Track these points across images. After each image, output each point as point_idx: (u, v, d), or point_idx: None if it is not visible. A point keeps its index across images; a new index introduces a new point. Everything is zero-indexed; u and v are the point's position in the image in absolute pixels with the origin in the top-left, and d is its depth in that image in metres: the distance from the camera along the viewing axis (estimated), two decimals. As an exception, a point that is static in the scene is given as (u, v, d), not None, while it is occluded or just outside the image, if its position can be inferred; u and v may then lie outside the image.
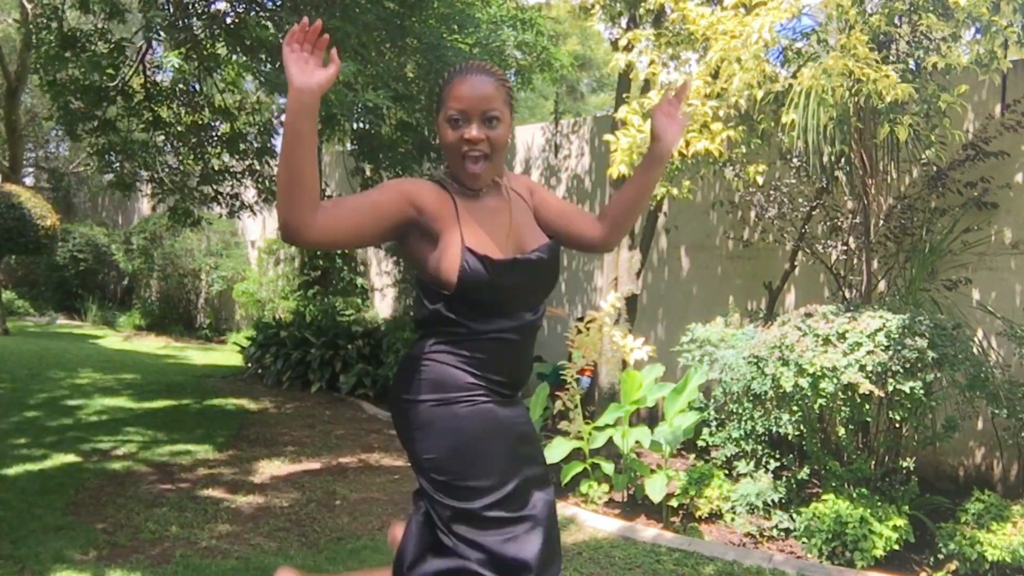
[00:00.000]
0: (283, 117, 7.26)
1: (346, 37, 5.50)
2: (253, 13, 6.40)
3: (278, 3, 6.48)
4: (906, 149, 5.00)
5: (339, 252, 10.95)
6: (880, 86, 4.01)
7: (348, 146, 7.97)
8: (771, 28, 4.30)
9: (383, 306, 11.16)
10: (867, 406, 4.35)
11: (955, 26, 4.41)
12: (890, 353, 4.16)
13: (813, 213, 5.96)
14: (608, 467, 5.22)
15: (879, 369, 4.15)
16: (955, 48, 4.51)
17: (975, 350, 4.86)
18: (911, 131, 4.40)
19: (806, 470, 4.84)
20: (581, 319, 7.52)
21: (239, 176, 8.43)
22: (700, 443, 5.63)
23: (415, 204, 1.77)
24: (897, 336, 4.20)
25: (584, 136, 8.66)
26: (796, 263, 6.23)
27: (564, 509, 5.11)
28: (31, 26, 8.13)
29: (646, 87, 5.54)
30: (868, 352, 4.18)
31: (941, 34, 4.44)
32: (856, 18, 4.40)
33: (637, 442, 5.30)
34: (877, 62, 4.16)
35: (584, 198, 8.58)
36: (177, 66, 5.79)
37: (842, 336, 4.33)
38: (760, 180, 5.11)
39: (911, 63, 4.60)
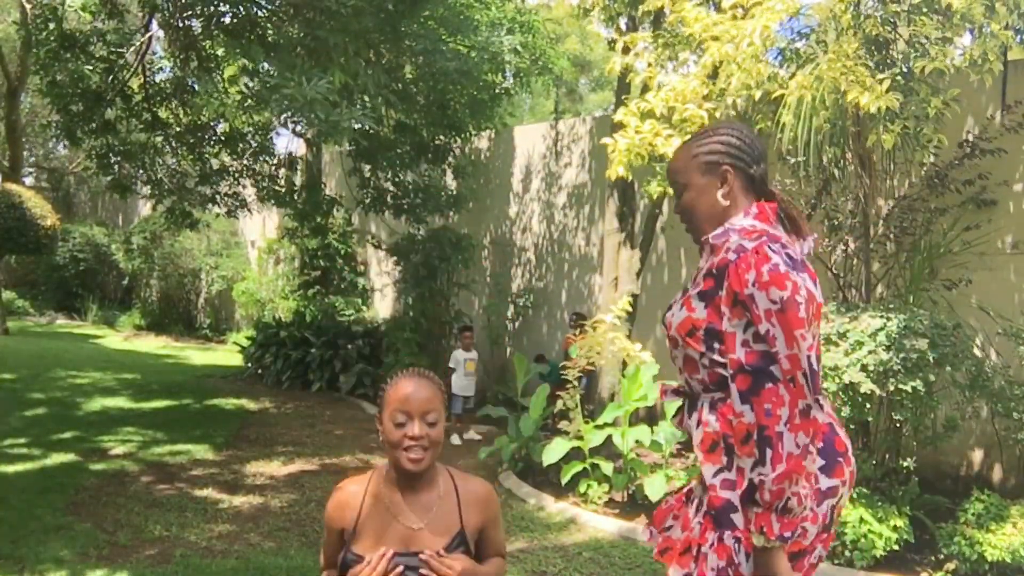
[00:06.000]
0: (282, 117, 7.27)
1: (335, 49, 5.50)
2: (252, 14, 6.40)
3: (276, 3, 6.49)
4: (901, 151, 5.00)
5: (339, 252, 10.97)
6: (861, 99, 4.00)
7: (347, 147, 7.99)
8: (763, 32, 4.30)
9: (383, 306, 11.16)
10: (868, 406, 4.35)
11: (950, 29, 4.41)
12: (891, 353, 4.16)
13: (812, 214, 5.95)
14: (608, 467, 5.22)
15: (880, 369, 4.15)
16: (949, 51, 4.49)
17: (976, 351, 4.86)
18: (900, 137, 4.38)
19: (806, 470, 4.84)
20: (579, 315, 7.55)
21: (237, 176, 8.44)
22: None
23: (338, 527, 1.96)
24: (898, 336, 4.20)
25: (584, 139, 8.65)
26: (796, 263, 6.22)
27: (564, 509, 5.11)
28: (30, 26, 8.13)
29: (645, 88, 5.54)
30: (869, 352, 4.18)
31: (937, 35, 4.43)
32: (849, 23, 4.39)
33: (637, 442, 5.30)
34: (869, 69, 4.15)
35: (584, 202, 8.58)
36: (172, 67, 5.81)
37: (843, 336, 4.33)
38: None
39: (904, 67, 4.60)
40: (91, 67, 6.94)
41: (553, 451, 5.29)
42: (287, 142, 30.48)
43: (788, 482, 1.59)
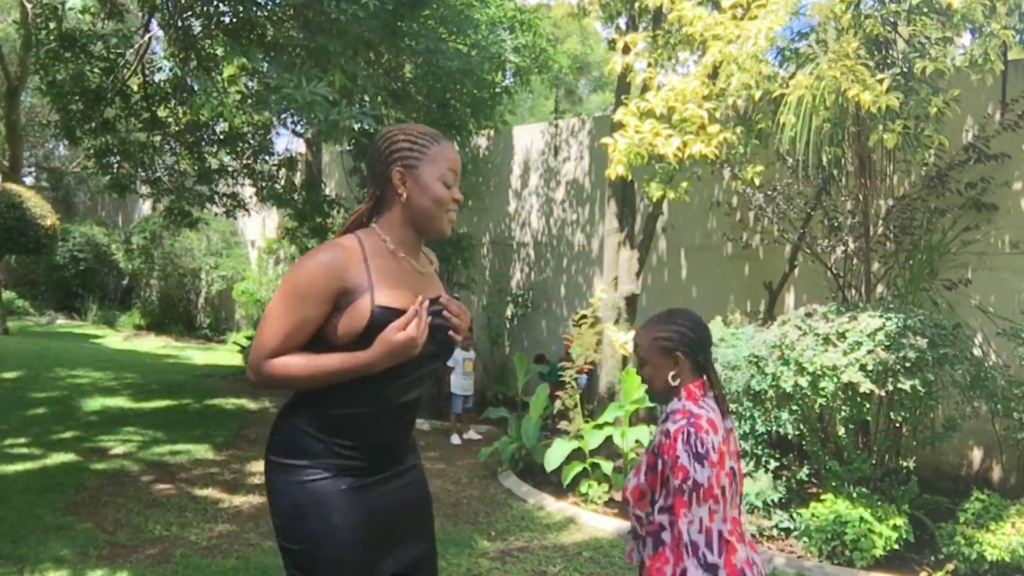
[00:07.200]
0: (282, 117, 7.25)
1: (333, 53, 5.50)
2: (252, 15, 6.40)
3: (276, 4, 6.49)
4: (901, 151, 5.00)
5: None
6: (862, 98, 4.00)
7: (347, 146, 7.99)
8: (767, 34, 4.30)
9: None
10: (867, 405, 4.35)
11: (950, 29, 4.40)
12: (890, 352, 4.16)
13: (812, 213, 5.96)
14: (608, 466, 5.22)
15: (879, 368, 4.15)
16: (949, 51, 4.49)
17: (975, 351, 4.86)
18: (901, 136, 4.38)
19: (806, 470, 4.84)
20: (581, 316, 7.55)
21: (236, 175, 8.44)
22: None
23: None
24: (897, 335, 4.20)
25: (583, 138, 8.66)
26: (796, 264, 6.23)
27: (564, 509, 5.12)
28: (31, 26, 8.14)
29: (645, 88, 5.55)
30: (868, 351, 4.18)
31: (937, 35, 4.43)
32: (850, 23, 4.39)
33: (637, 441, 5.30)
34: (870, 69, 4.14)
35: (583, 200, 8.59)
36: (171, 67, 5.81)
37: (842, 335, 4.33)
38: (757, 181, 5.11)
39: (904, 67, 4.59)
40: (91, 67, 6.94)
41: (555, 455, 5.29)
42: (287, 142, 30.43)
43: None
